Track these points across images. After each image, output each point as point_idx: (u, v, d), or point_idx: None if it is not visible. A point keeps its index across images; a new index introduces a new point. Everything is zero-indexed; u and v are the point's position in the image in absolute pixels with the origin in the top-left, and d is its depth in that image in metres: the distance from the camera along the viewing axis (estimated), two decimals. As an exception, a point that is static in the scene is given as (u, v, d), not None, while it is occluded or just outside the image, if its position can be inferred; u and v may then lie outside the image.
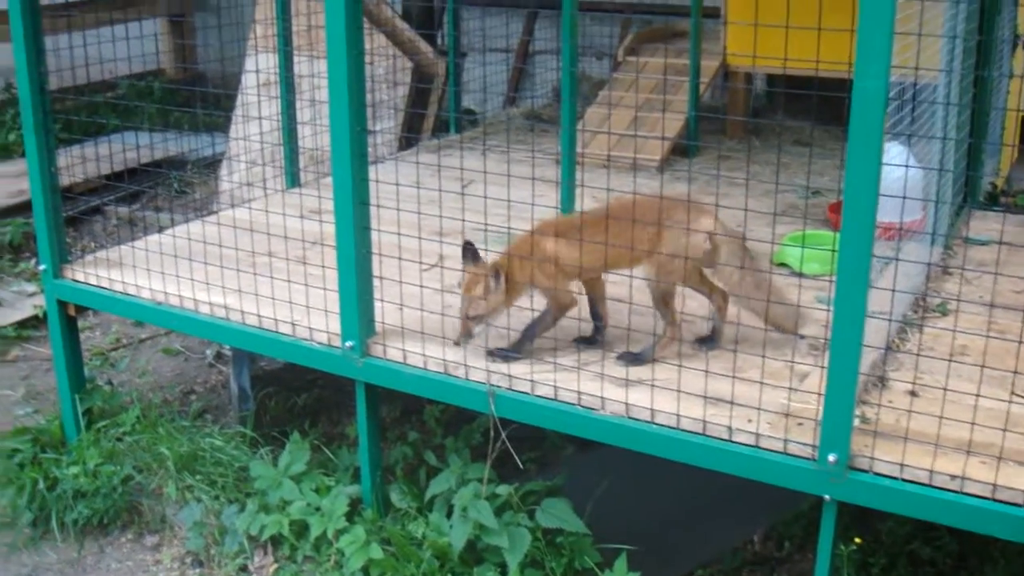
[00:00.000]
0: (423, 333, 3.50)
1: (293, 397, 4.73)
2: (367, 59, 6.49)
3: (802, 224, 4.70)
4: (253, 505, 3.79)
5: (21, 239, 6.76)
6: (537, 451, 4.34)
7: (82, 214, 7.15)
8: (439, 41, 7.89)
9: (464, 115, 7.22)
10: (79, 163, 7.79)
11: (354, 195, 3.32)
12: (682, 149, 5.83)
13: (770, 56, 5.43)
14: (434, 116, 6.96)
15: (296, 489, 3.76)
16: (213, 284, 3.93)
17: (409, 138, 6.83)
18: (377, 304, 3.56)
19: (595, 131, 5.90)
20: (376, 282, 3.53)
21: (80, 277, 4.24)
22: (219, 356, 5.28)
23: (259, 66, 6.90)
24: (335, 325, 3.58)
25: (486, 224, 3.74)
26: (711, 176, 5.37)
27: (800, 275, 4.09)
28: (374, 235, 3.48)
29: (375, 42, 6.81)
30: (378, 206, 3.44)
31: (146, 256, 4.14)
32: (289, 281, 3.79)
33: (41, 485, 4.06)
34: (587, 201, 4.78)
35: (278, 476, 3.81)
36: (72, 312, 4.31)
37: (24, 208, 7.08)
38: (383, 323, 3.58)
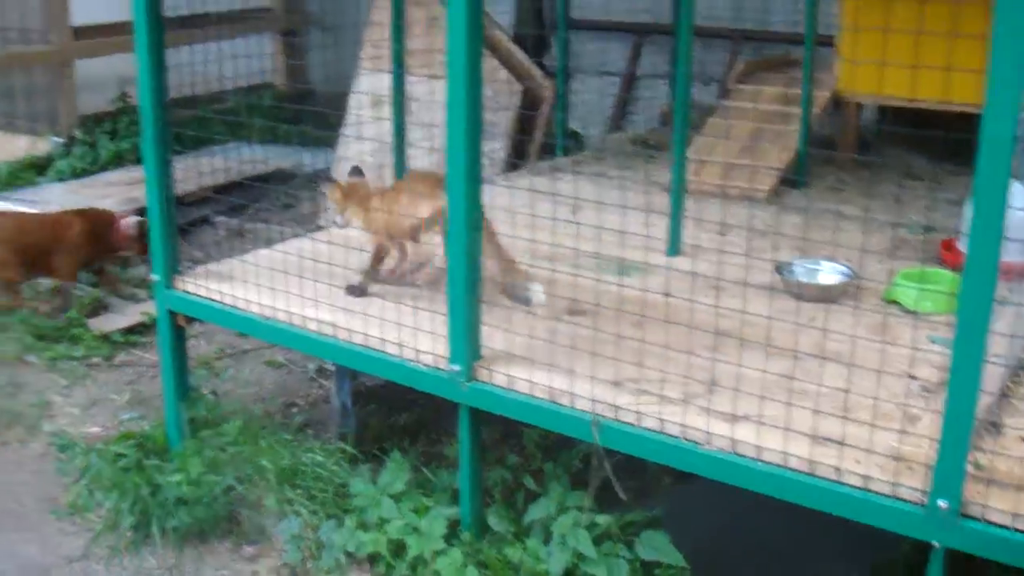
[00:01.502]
0: (530, 359, 3.50)
1: (393, 415, 4.75)
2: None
3: (914, 260, 4.61)
4: (351, 522, 3.81)
5: (134, 247, 6.90)
6: (636, 480, 4.28)
7: (191, 224, 7.29)
8: (547, 64, 7.93)
9: (571, 139, 7.21)
10: (190, 175, 7.99)
11: (467, 221, 3.33)
12: (791, 180, 5.75)
13: (887, 94, 5.38)
14: (541, 139, 6.98)
15: (395, 508, 3.78)
16: (321, 301, 3.97)
17: (516, 163, 6.85)
18: (483, 328, 3.56)
19: (704, 160, 5.84)
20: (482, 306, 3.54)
21: (191, 289, 4.31)
22: (321, 370, 5.33)
23: (369, 86, 7.00)
24: (441, 347, 3.59)
25: (597, 252, 3.73)
26: (822, 210, 5.29)
27: (913, 313, 4.01)
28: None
29: (485, 65, 6.84)
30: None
31: (256, 270, 4.20)
32: (397, 303, 3.82)
33: (144, 491, 4.12)
34: (695, 231, 4.75)
35: (377, 494, 3.83)
36: (182, 323, 4.39)
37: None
38: (489, 347, 3.58)
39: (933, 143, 5.83)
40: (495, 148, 6.86)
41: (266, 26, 10.09)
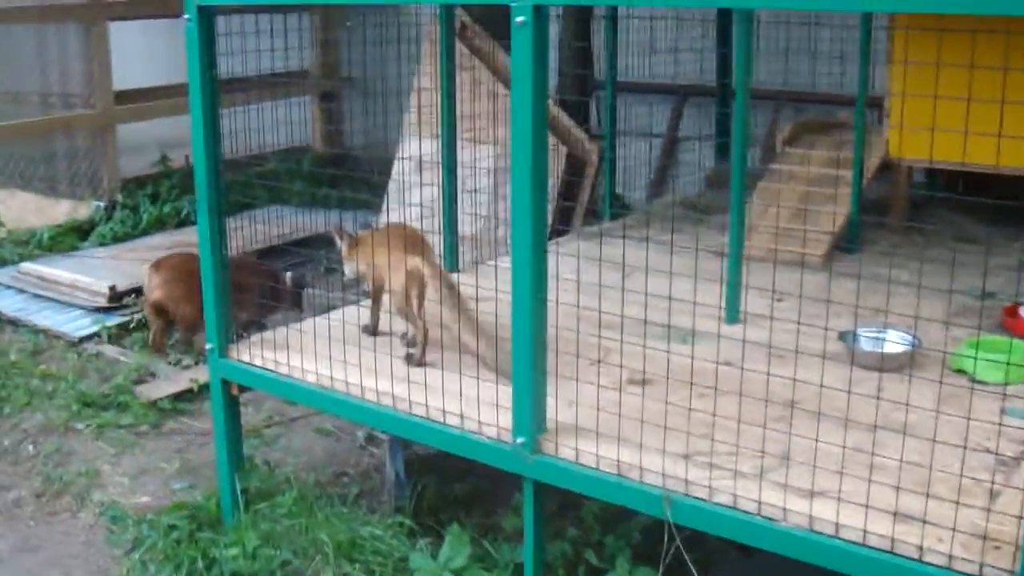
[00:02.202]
0: (595, 431, 3.43)
1: (447, 484, 4.67)
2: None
3: (976, 328, 4.53)
4: (413, 598, 3.74)
5: (177, 311, 6.89)
6: (698, 551, 4.19)
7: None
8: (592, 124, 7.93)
9: (615, 203, 7.18)
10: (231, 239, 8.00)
11: (533, 291, 3.28)
12: (843, 245, 5.68)
13: (938, 158, 5.31)
14: (586, 203, 6.95)
15: (457, 584, 3.71)
16: (379, 371, 3.92)
17: (560, 230, 6.81)
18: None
19: (755, 224, 5.79)
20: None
21: (245, 357, 4.27)
22: (371, 438, 5.27)
23: (414, 151, 7.00)
24: (504, 419, 3.53)
25: (645, 319, 3.67)
26: (877, 275, 5.21)
27: (982, 383, 3.93)
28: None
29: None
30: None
31: (313, 339, 4.17)
32: (461, 373, 3.76)
33: (200, 564, 4.06)
34: (750, 298, 4.68)
35: (439, 570, 3.75)
36: (235, 391, 4.35)
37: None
38: (554, 419, 3.52)
39: (984, 207, 5.78)
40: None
41: (305, 89, 10.16)
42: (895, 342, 4.23)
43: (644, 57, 7.67)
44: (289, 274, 6.35)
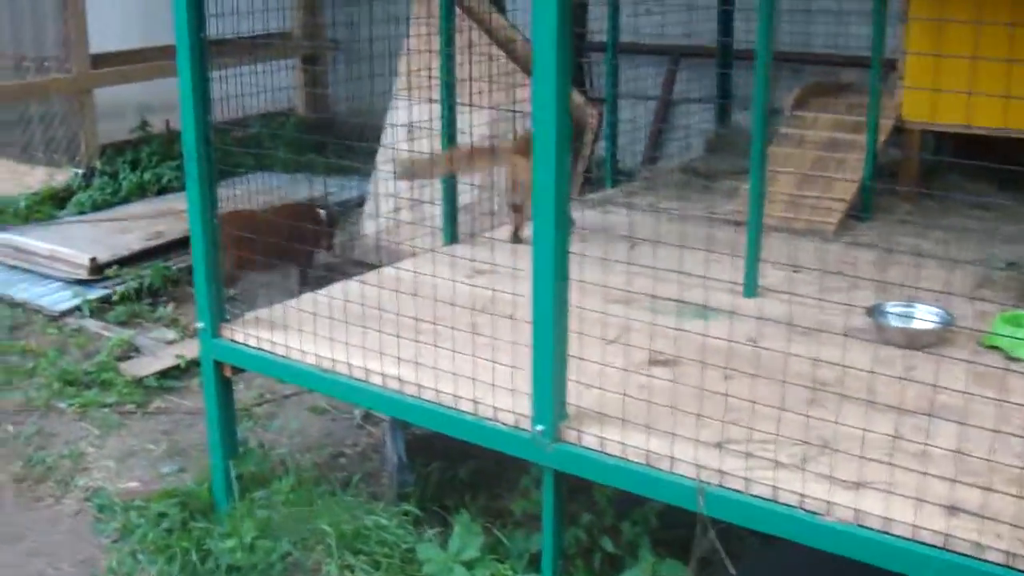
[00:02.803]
0: (620, 418, 3.21)
1: (451, 468, 4.45)
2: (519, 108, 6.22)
3: (1004, 301, 4.34)
4: (424, 593, 3.53)
5: (161, 283, 6.62)
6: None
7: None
8: (589, 86, 7.67)
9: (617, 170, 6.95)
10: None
11: (556, 271, 3.05)
12: (856, 214, 5.46)
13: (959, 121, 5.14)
14: (584, 169, 6.69)
15: (469, 577, 3.49)
16: (385, 353, 3.68)
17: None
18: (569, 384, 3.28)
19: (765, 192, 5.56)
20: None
21: (240, 338, 4.03)
22: (368, 416, 5.04)
23: (405, 116, 6.72)
24: (521, 405, 3.31)
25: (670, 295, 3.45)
26: (895, 246, 5.02)
27: (1017, 360, 3.73)
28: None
29: (524, 93, 6.57)
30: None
31: (313, 318, 3.93)
32: (473, 356, 3.53)
33: (193, 556, 3.84)
34: (765, 270, 4.47)
35: (450, 561, 3.54)
36: (228, 373, 4.11)
37: (162, 251, 6.99)
38: (575, 405, 3.29)
39: (994, 173, 5.57)
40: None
41: (288, 52, 9.84)
42: (925, 318, 4.01)
43: (632, 17, 7.39)
44: (323, 211, 6.36)
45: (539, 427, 3.22)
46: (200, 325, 4.06)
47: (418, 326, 3.78)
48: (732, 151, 6.93)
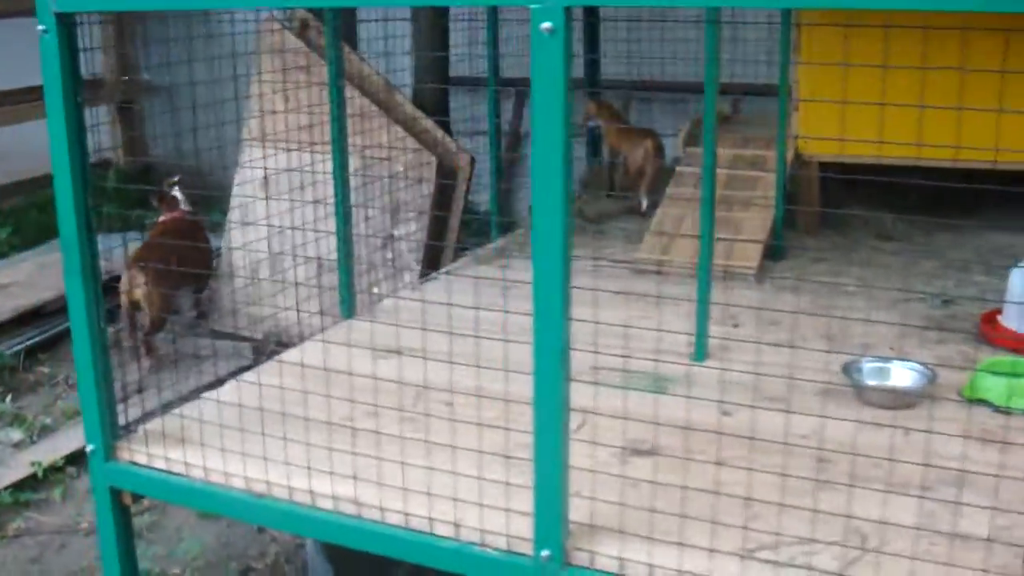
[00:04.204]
0: (622, 531, 2.75)
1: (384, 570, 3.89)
2: (384, 154, 5.72)
3: (958, 343, 4.11)
4: None
5: (-7, 370, 5.81)
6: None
7: (57, 339, 6.26)
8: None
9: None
10: (43, 276, 6.90)
11: (561, 358, 2.56)
12: (768, 252, 5.18)
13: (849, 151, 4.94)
14: (459, 217, 6.24)
15: None
16: (334, 471, 3.10)
17: (433, 246, 6.09)
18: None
19: (672, 235, 5.22)
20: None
21: (141, 459, 3.38)
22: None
23: (257, 165, 6.15)
24: (519, 525, 2.80)
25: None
26: (819, 285, 4.75)
27: (1006, 412, 3.48)
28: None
29: (391, 135, 6.08)
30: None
31: (216, 429, 3.32)
32: (430, 467, 3.00)
33: None
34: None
35: None
36: (128, 502, 3.45)
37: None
38: (574, 521, 2.81)
39: (893, 200, 5.42)
40: (412, 231, 6.09)
41: (99, 99, 9.01)
42: (903, 372, 3.71)
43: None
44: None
45: (544, 552, 2.72)
46: (90, 448, 3.39)
47: (354, 433, 3.25)
48: (603, 189, 6.63)
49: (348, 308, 4.48)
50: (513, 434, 2.99)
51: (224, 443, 3.29)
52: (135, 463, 3.39)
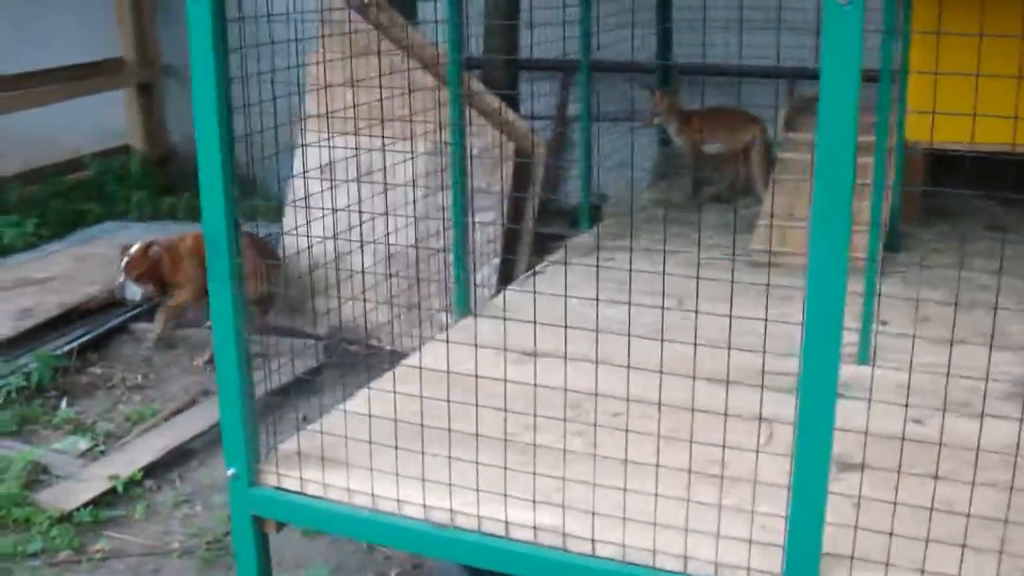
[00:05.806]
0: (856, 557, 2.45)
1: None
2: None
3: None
4: None
5: (50, 375, 5.39)
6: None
7: (103, 338, 5.88)
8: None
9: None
10: (80, 269, 6.50)
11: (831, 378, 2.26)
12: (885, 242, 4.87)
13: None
14: (537, 202, 5.92)
15: None
16: (513, 494, 2.77)
17: (512, 231, 5.77)
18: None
19: (785, 226, 4.92)
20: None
21: (291, 485, 3.03)
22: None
23: (317, 156, 5.76)
24: (761, 558, 2.49)
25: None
26: (949, 279, 4.45)
27: None
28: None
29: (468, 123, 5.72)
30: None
31: (366, 446, 2.97)
32: (625, 488, 2.67)
33: None
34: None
35: None
36: (272, 529, 3.11)
37: (37, 333, 5.74)
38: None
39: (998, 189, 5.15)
40: (490, 219, 5.75)
41: (119, 82, 8.60)
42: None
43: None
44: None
45: (792, 589, 2.42)
46: (231, 471, 3.04)
47: (524, 449, 2.93)
48: (682, 174, 6.31)
49: (464, 304, 4.14)
50: (697, 448, 2.70)
51: (376, 463, 2.96)
52: (282, 488, 3.04)
